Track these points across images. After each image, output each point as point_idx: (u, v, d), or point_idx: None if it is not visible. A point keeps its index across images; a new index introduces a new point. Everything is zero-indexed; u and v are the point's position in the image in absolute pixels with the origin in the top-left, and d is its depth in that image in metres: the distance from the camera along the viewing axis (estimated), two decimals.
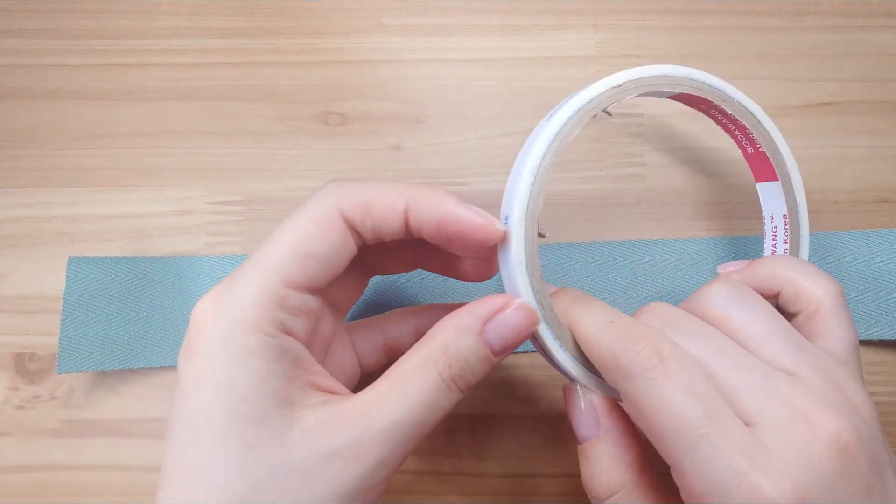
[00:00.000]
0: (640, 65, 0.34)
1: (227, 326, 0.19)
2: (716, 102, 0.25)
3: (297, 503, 0.18)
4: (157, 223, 0.32)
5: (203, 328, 0.20)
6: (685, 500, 0.19)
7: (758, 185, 0.28)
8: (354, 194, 0.21)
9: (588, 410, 0.21)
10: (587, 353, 0.21)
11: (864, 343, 0.30)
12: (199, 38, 0.34)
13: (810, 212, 0.32)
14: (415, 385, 0.20)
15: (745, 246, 0.31)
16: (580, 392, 0.21)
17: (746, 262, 0.24)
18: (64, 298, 0.29)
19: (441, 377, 0.20)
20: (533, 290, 0.21)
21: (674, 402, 0.18)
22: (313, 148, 0.33)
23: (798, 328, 0.22)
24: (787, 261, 0.23)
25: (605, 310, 0.21)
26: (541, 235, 0.21)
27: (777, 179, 0.27)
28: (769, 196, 0.27)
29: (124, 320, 0.29)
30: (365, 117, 0.33)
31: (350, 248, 0.21)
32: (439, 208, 0.21)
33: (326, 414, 0.19)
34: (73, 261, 0.29)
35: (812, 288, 0.22)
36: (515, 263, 0.21)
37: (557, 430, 0.30)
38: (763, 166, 0.27)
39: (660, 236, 0.32)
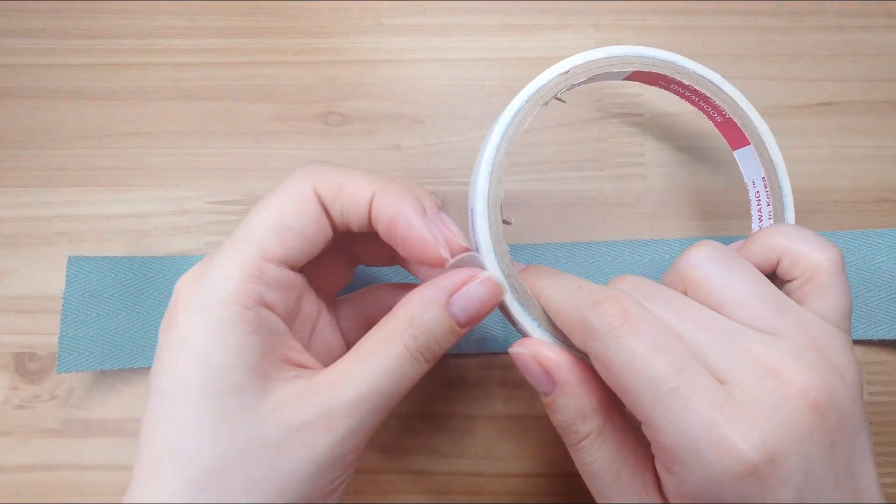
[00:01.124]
0: None
1: (204, 299, 0.20)
2: (671, 76, 0.25)
3: (269, 474, 0.19)
4: (157, 223, 0.32)
5: (181, 301, 0.20)
6: (657, 455, 0.19)
7: (734, 153, 0.28)
8: (330, 176, 0.21)
9: (538, 368, 0.21)
10: (556, 320, 0.21)
11: (864, 343, 0.30)
12: (199, 38, 0.34)
13: (810, 212, 0.32)
14: (381, 357, 0.20)
15: None
16: (527, 351, 0.21)
17: (741, 242, 0.24)
18: (64, 298, 0.29)
19: (407, 348, 0.20)
20: (504, 274, 0.21)
21: (642, 358, 0.18)
22: (313, 148, 0.33)
23: (793, 293, 0.21)
24: (784, 228, 0.22)
25: (572, 278, 0.21)
26: (506, 223, 0.22)
27: (749, 143, 0.26)
28: (746, 162, 0.27)
29: (124, 320, 0.29)
30: (365, 117, 0.33)
31: (325, 227, 0.22)
32: (396, 208, 0.21)
33: (298, 387, 0.20)
34: (73, 260, 0.29)
35: (810, 253, 0.21)
36: (484, 251, 0.21)
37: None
38: (733, 133, 0.27)
39: (660, 236, 0.32)
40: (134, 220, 0.32)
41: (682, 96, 0.27)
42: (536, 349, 0.21)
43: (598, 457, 0.20)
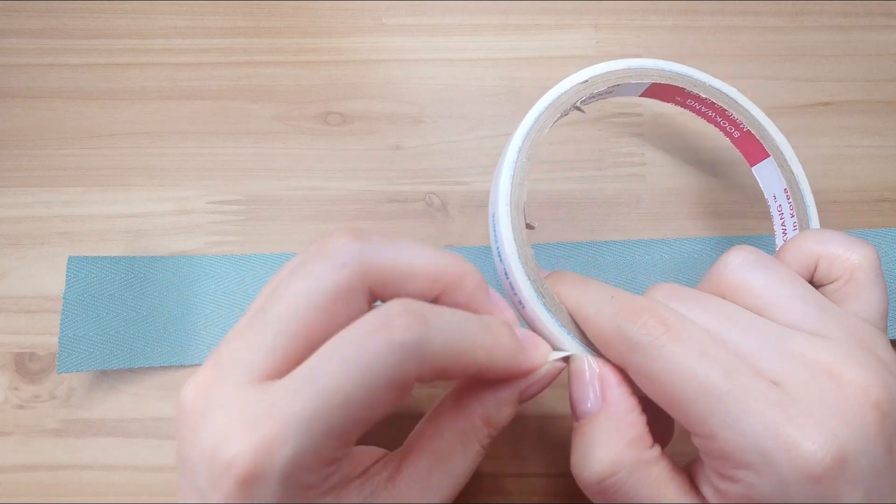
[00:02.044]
0: None
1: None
2: (688, 89, 0.25)
3: None
4: (157, 223, 0.32)
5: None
6: (714, 466, 0.18)
7: (753, 169, 0.27)
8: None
9: (593, 382, 0.20)
10: (589, 333, 0.20)
11: None
12: (199, 38, 0.34)
13: None
14: (459, 461, 0.19)
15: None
16: (588, 362, 0.20)
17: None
18: (64, 298, 0.29)
19: (483, 448, 0.20)
20: (529, 279, 0.21)
21: (689, 366, 0.17)
22: (313, 148, 0.33)
23: (831, 296, 0.21)
24: (815, 233, 0.22)
25: (603, 286, 0.21)
26: (529, 227, 0.22)
27: (769, 155, 0.26)
28: (766, 176, 0.27)
29: (124, 320, 0.29)
30: (365, 117, 0.33)
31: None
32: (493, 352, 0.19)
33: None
34: (72, 260, 0.29)
35: (847, 254, 0.20)
36: (508, 254, 0.21)
37: (557, 429, 0.30)
38: (752, 146, 0.27)
39: (660, 236, 0.32)
40: (134, 220, 0.32)
41: (698, 112, 0.27)
42: (597, 363, 0.20)
43: (642, 490, 0.19)
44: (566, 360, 0.21)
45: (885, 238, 0.31)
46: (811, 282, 0.21)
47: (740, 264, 0.20)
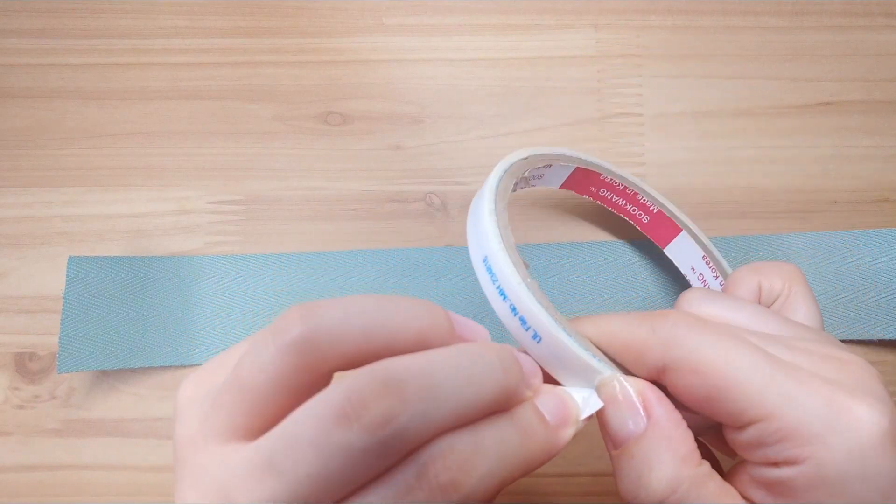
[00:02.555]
0: (639, 65, 0.34)
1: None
2: (603, 176, 0.27)
3: None
4: (157, 223, 0.32)
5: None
6: (775, 454, 0.17)
7: (666, 249, 0.29)
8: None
9: (633, 401, 0.19)
10: (619, 346, 0.19)
11: (864, 343, 0.30)
12: (199, 38, 0.34)
13: (810, 211, 0.32)
14: None
15: (745, 246, 0.31)
16: (621, 383, 0.19)
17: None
18: (64, 298, 0.29)
19: None
20: (542, 307, 0.19)
21: (734, 349, 0.17)
22: (313, 148, 0.33)
23: (778, 310, 0.22)
24: (749, 266, 0.23)
25: (625, 313, 0.20)
26: (525, 264, 0.20)
27: (681, 230, 0.28)
28: (681, 250, 0.28)
29: (124, 320, 0.29)
30: (365, 117, 0.33)
31: None
32: None
33: None
34: (73, 260, 0.29)
35: (781, 269, 0.22)
36: (515, 287, 0.19)
37: None
38: (663, 226, 0.28)
39: None
40: (134, 220, 0.32)
41: (609, 203, 0.28)
42: (633, 381, 0.19)
43: (704, 498, 0.18)
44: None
45: (886, 238, 0.31)
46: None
47: (699, 298, 0.20)
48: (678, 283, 0.31)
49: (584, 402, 0.19)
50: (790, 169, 0.32)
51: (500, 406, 0.17)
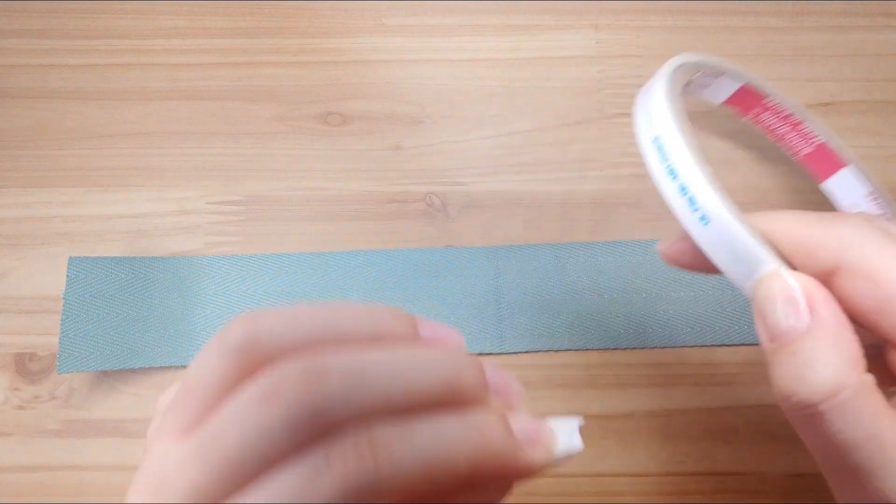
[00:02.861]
0: (639, 65, 0.34)
1: None
2: (770, 98, 0.25)
3: None
4: (157, 223, 0.32)
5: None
6: None
7: (825, 183, 0.26)
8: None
9: (800, 297, 0.17)
10: (792, 239, 0.18)
11: None
12: (199, 38, 0.34)
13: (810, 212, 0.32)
14: None
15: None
16: (787, 275, 0.18)
17: None
18: (64, 298, 0.29)
19: None
20: (714, 188, 0.19)
21: None
22: (313, 148, 0.33)
23: None
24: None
25: (801, 211, 0.19)
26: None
27: (846, 164, 0.25)
28: (843, 187, 0.26)
29: (124, 320, 0.29)
30: (365, 117, 0.33)
31: None
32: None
33: None
34: (73, 261, 0.29)
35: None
36: (689, 165, 0.19)
37: None
38: (826, 160, 0.26)
39: (660, 236, 0.32)
40: (134, 220, 0.32)
41: (768, 128, 0.26)
42: (800, 276, 0.18)
43: (863, 417, 0.16)
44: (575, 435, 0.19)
45: None
46: None
47: (879, 217, 0.20)
48: (678, 283, 0.31)
49: (567, 437, 0.18)
50: (790, 169, 0.32)
51: (446, 402, 0.16)
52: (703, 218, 0.19)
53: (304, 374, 0.15)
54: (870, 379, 0.17)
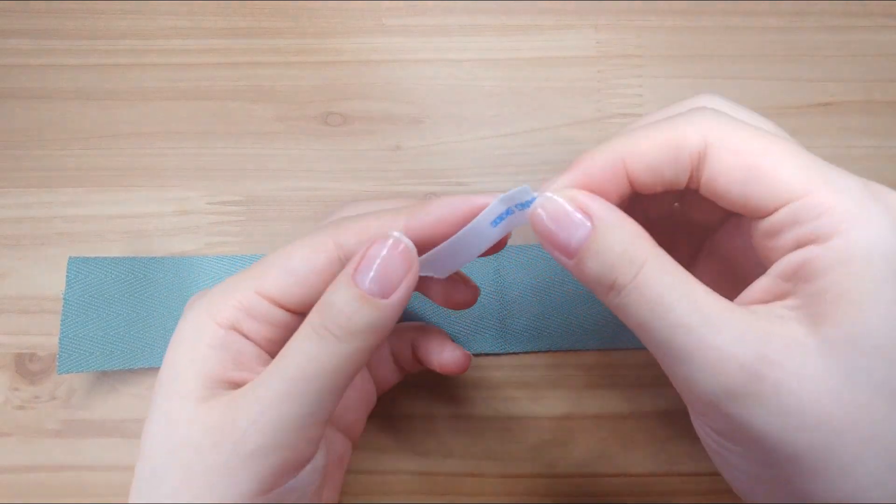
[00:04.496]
0: (639, 65, 0.34)
1: (196, 312, 0.22)
2: None
3: (200, 470, 0.20)
4: (157, 223, 0.32)
5: (186, 308, 0.23)
6: (813, 223, 0.17)
7: None
8: (352, 229, 0.22)
9: (570, 208, 0.19)
10: (655, 149, 0.19)
11: None
12: (199, 38, 0.34)
13: None
14: (289, 344, 0.20)
15: None
16: (555, 196, 0.19)
17: None
18: (64, 298, 0.29)
19: (312, 328, 0.20)
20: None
21: (772, 138, 0.18)
22: (313, 148, 0.33)
23: None
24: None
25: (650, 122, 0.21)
26: None
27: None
28: None
29: (124, 320, 0.29)
30: (365, 117, 0.33)
31: (333, 272, 0.21)
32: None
33: (232, 395, 0.20)
34: (73, 261, 0.29)
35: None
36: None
37: (557, 430, 0.30)
38: None
39: None
40: (134, 220, 0.32)
41: None
42: (569, 192, 0.19)
43: (665, 282, 0.18)
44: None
45: None
46: None
47: (725, 105, 0.21)
48: None
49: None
50: None
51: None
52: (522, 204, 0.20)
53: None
54: (661, 251, 0.18)
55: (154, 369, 0.30)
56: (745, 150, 0.18)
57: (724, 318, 0.17)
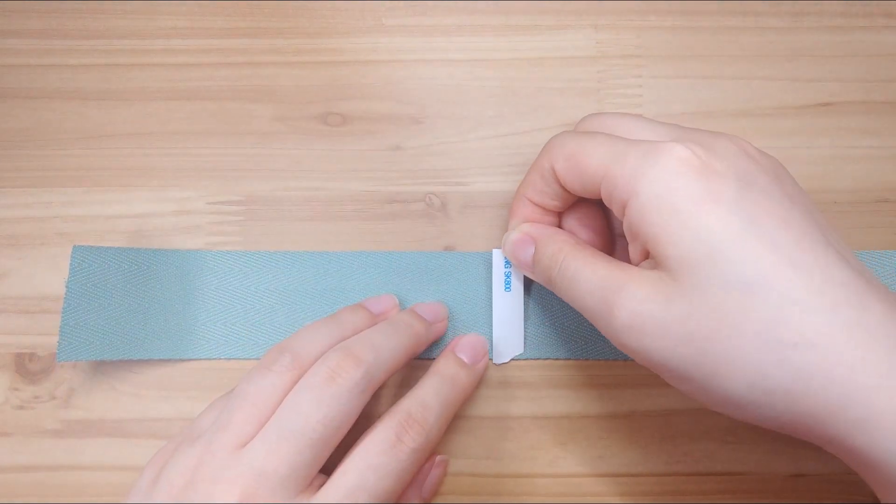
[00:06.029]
0: (639, 65, 0.34)
1: None
2: None
3: None
4: (157, 223, 0.32)
5: None
6: (613, 194, 0.22)
7: None
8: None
9: (522, 238, 0.27)
10: (531, 187, 0.27)
11: None
12: (199, 38, 0.34)
13: None
14: None
15: None
16: (510, 236, 0.27)
17: None
18: (67, 287, 0.28)
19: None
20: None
21: (587, 137, 0.24)
22: (313, 148, 0.33)
23: None
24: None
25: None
26: None
27: None
28: None
29: (126, 311, 0.29)
30: (365, 117, 0.33)
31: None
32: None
33: None
34: (77, 250, 0.29)
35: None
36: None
37: (557, 430, 0.30)
38: None
39: None
40: (134, 220, 0.32)
41: None
42: (523, 227, 0.27)
43: (574, 265, 0.24)
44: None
45: (891, 260, 0.31)
46: None
47: (591, 116, 0.27)
48: None
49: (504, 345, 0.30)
50: (789, 169, 0.32)
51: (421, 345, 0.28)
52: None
53: (345, 355, 0.24)
54: (579, 248, 0.24)
55: (153, 364, 0.30)
56: (570, 154, 0.24)
57: (613, 276, 0.22)
